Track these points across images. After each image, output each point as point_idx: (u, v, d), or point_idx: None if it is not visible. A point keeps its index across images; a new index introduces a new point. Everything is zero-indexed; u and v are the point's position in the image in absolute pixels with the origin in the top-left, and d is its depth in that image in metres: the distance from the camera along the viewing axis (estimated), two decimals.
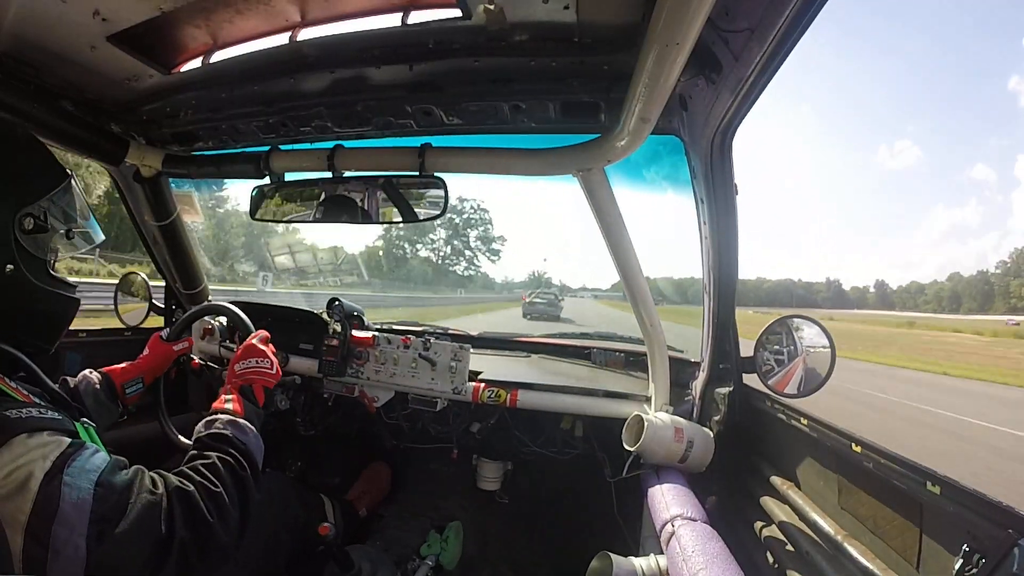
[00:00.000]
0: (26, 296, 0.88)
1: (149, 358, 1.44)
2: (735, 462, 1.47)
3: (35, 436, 0.71)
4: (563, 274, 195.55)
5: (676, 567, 1.00)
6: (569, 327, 11.23)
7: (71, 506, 0.68)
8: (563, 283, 64.16)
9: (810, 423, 1.17)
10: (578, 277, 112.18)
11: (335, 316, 1.86)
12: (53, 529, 0.66)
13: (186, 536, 0.77)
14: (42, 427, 0.73)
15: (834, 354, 1.33)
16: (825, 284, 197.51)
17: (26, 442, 0.70)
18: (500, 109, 1.24)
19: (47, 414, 0.76)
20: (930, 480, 0.80)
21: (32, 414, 0.74)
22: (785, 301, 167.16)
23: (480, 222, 47.46)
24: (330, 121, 1.39)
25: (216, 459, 0.92)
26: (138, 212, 1.97)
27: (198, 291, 2.20)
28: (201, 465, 0.90)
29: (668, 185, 1.47)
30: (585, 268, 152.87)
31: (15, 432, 0.70)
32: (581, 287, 61.80)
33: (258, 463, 1.01)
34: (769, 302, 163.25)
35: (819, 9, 0.74)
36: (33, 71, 1.25)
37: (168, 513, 0.77)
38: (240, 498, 0.90)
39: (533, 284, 49.06)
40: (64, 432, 0.76)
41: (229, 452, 0.95)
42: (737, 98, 0.98)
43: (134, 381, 1.37)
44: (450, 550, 2.01)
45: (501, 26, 1.00)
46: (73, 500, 0.69)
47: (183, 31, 1.15)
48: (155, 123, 1.54)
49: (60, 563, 0.66)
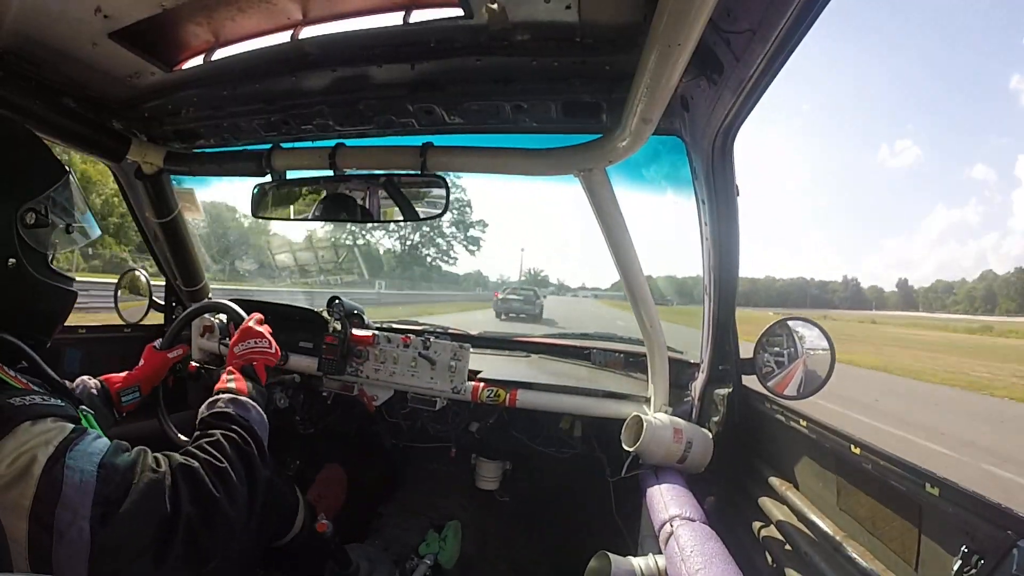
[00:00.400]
0: (28, 289, 0.89)
1: (145, 368, 1.45)
2: (734, 463, 1.47)
3: (39, 423, 0.72)
4: (562, 273, 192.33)
5: (675, 567, 1.00)
6: (553, 328, 11.05)
7: (74, 489, 0.69)
8: (561, 281, 62.56)
9: (809, 424, 1.17)
10: (578, 276, 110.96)
11: (335, 314, 1.86)
12: (56, 512, 0.67)
13: (192, 512, 0.77)
14: (45, 414, 0.74)
15: (834, 356, 1.33)
16: (842, 283, 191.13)
17: (30, 429, 0.70)
18: (502, 109, 1.24)
19: (50, 401, 0.77)
20: (929, 481, 0.80)
21: (35, 401, 0.75)
22: (798, 301, 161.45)
23: (456, 203, 42.63)
24: (332, 119, 1.39)
25: (220, 436, 0.93)
26: (139, 209, 1.97)
27: (199, 288, 2.19)
28: (205, 443, 0.90)
29: (669, 186, 1.47)
30: (585, 267, 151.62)
31: (19, 420, 0.70)
32: (580, 286, 60.65)
33: (263, 439, 1.01)
34: (781, 302, 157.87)
35: (821, 10, 0.74)
36: (35, 68, 1.25)
37: (173, 490, 0.77)
38: (247, 473, 0.91)
39: (526, 280, 46.35)
40: (67, 418, 0.77)
41: (232, 428, 0.96)
42: (739, 99, 0.98)
43: (131, 390, 1.38)
44: (448, 549, 2.01)
45: (503, 26, 1.00)
46: (76, 482, 0.69)
47: (185, 28, 1.15)
48: (157, 120, 1.54)
49: (65, 546, 0.67)
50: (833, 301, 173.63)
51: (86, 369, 1.40)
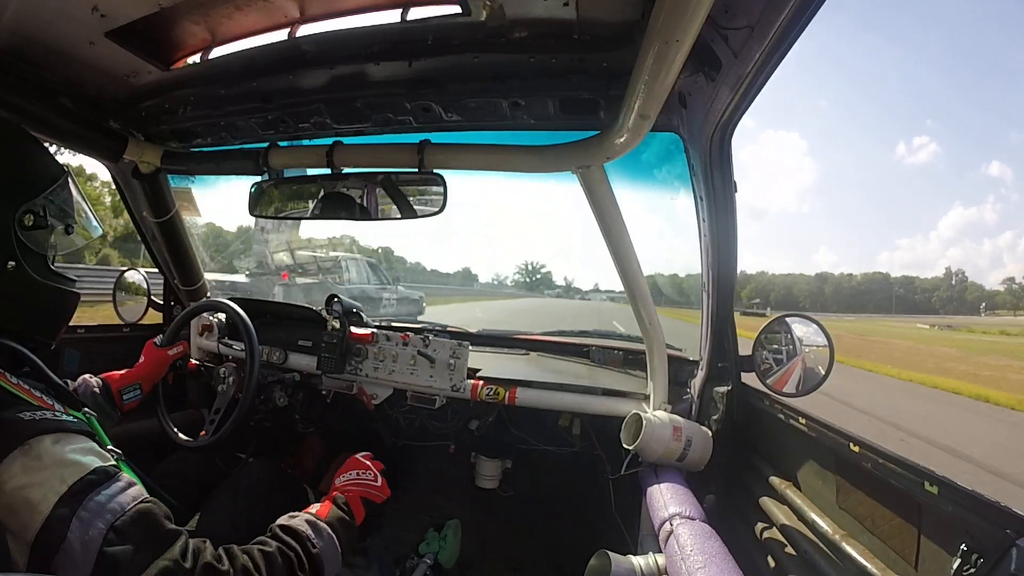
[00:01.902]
0: (28, 291, 0.88)
1: (145, 365, 1.46)
2: (733, 461, 1.47)
3: (57, 445, 0.69)
4: (572, 272, 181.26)
5: (674, 566, 1.00)
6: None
7: (80, 543, 0.65)
8: (570, 282, 59.42)
9: (808, 422, 1.17)
10: (589, 277, 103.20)
11: (333, 313, 1.86)
12: (56, 560, 0.64)
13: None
14: (59, 429, 0.72)
15: (833, 353, 1.33)
16: (944, 278, 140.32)
17: (50, 450, 0.68)
18: (499, 106, 1.24)
19: (60, 417, 0.75)
20: (928, 480, 0.79)
21: (46, 416, 0.73)
22: (883, 304, 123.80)
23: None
24: (329, 117, 1.39)
25: (276, 549, 0.86)
26: (136, 208, 1.96)
27: (197, 287, 2.19)
28: (257, 550, 0.84)
29: (667, 182, 1.47)
30: (597, 268, 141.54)
31: (31, 434, 0.69)
32: (594, 287, 56.98)
33: (324, 573, 0.92)
34: (860, 306, 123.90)
35: (819, 7, 0.74)
36: (31, 67, 1.25)
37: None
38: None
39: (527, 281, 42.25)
40: (81, 433, 0.74)
41: (293, 547, 0.88)
42: (736, 95, 0.98)
43: (132, 387, 1.38)
44: (448, 548, 2.01)
45: (501, 23, 1.00)
46: (83, 539, 0.65)
47: (182, 27, 1.15)
48: (154, 119, 1.53)
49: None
50: (930, 304, 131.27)
51: (85, 369, 1.40)
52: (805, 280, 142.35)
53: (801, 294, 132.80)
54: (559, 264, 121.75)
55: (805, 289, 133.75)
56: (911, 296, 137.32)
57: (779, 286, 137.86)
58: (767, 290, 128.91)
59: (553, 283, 42.61)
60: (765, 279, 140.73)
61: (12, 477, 0.66)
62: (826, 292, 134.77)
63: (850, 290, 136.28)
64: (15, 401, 0.74)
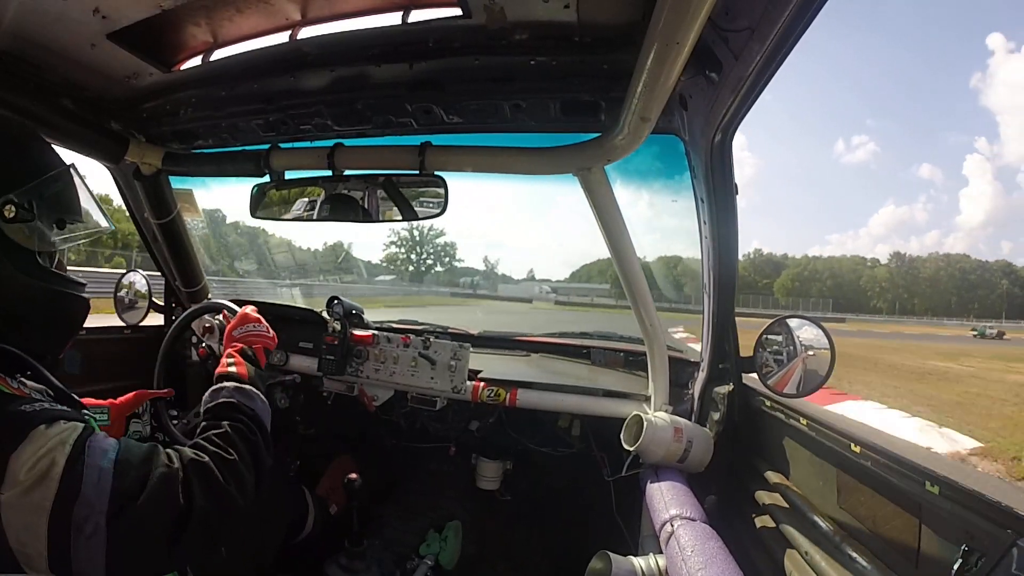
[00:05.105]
0: (11, 290, 0.83)
1: (124, 399, 1.43)
2: (734, 462, 1.47)
3: (53, 425, 0.73)
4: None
5: (675, 567, 1.00)
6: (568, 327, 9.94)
7: (92, 486, 0.71)
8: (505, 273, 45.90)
9: (809, 423, 1.17)
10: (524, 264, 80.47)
11: (334, 314, 1.86)
12: (75, 509, 0.69)
13: (205, 505, 0.79)
14: (57, 416, 0.75)
15: (834, 355, 1.33)
16: None
17: (45, 432, 0.71)
18: (500, 108, 1.24)
19: (56, 406, 0.78)
20: (929, 480, 0.80)
21: (44, 406, 0.76)
22: (993, 307, 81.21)
23: None
24: (330, 119, 1.39)
25: (227, 427, 0.94)
26: (138, 210, 1.96)
27: (198, 289, 2.19)
28: (214, 435, 0.92)
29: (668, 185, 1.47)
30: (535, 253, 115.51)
31: (33, 424, 0.71)
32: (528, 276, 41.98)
33: (267, 426, 1.03)
34: (963, 309, 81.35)
35: (819, 8, 0.74)
36: (33, 69, 1.25)
37: (186, 485, 0.79)
38: (254, 462, 0.93)
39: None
40: (76, 420, 0.77)
41: (239, 419, 0.97)
42: (737, 97, 0.98)
43: (100, 410, 1.36)
44: (449, 549, 2.00)
45: (501, 25, 1.00)
46: (94, 480, 0.71)
47: (183, 29, 1.15)
48: (155, 121, 1.54)
49: (83, 541, 0.69)
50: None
51: (86, 370, 1.40)
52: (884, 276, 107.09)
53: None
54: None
55: (891, 289, 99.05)
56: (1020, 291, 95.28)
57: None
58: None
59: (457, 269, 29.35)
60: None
61: (23, 465, 0.68)
62: (918, 287, 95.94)
63: (944, 287, 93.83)
64: (9, 399, 0.75)
